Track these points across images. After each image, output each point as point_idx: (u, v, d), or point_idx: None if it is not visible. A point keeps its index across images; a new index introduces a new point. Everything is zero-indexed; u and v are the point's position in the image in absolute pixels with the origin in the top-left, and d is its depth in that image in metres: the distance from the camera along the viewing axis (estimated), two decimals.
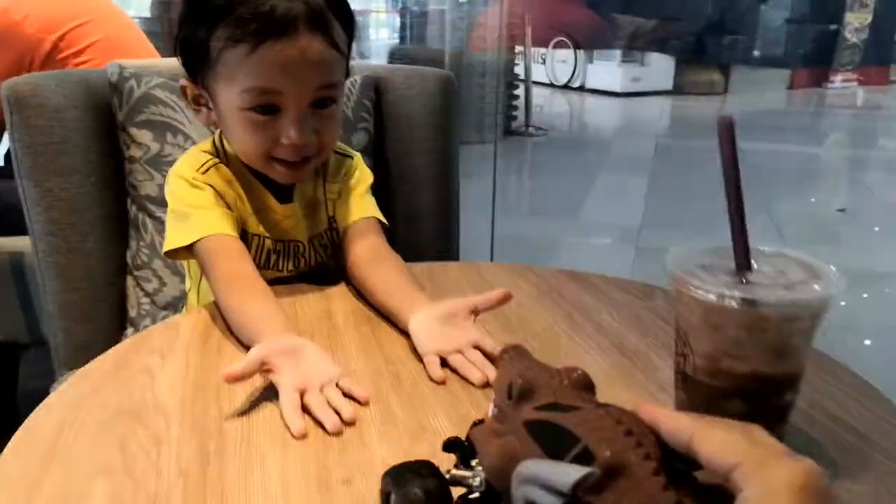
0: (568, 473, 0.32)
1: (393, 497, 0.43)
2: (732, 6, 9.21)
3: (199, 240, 0.82)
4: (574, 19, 9.08)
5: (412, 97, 1.33)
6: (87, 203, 1.13)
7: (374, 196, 0.99)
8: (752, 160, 5.42)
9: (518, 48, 6.24)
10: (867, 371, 0.66)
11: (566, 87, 9.32)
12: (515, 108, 6.04)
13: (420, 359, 0.69)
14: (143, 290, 1.19)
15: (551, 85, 9.42)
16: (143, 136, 1.17)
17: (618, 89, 8.76)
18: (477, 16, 5.69)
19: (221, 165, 0.88)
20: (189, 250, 0.84)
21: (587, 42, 9.09)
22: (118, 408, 0.61)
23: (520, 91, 6.09)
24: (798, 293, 0.49)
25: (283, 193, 0.92)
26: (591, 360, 0.70)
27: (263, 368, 0.63)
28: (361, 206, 0.95)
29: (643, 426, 0.35)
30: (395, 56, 5.68)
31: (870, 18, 9.84)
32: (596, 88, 9.04)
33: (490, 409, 0.42)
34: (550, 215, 3.85)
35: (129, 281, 1.20)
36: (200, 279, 0.94)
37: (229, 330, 0.75)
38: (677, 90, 9.07)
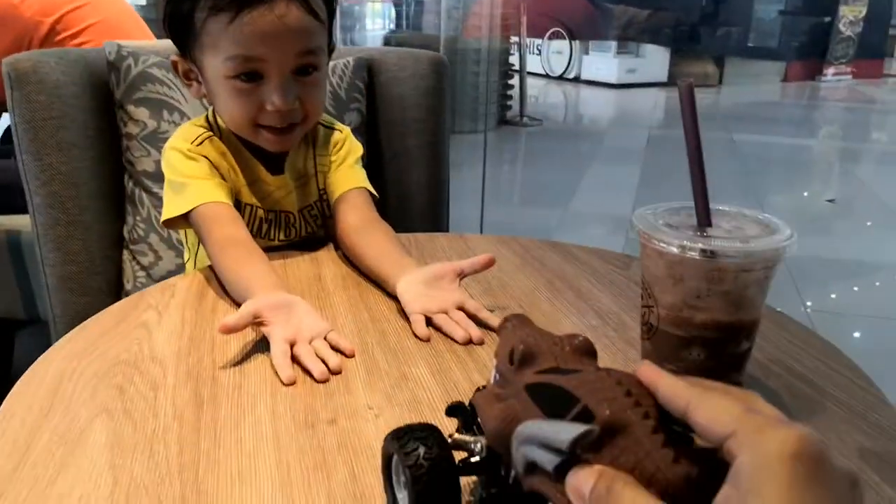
0: (567, 431, 0.32)
1: (395, 459, 0.43)
2: None
3: (195, 208, 0.86)
4: (569, 8, 9.09)
5: (404, 78, 1.36)
6: (86, 177, 1.16)
7: (367, 173, 1.03)
8: (747, 151, 5.46)
9: (514, 38, 6.25)
10: (861, 359, 0.66)
11: (561, 77, 9.34)
12: (510, 97, 6.06)
13: (406, 318, 0.73)
14: (139, 263, 1.23)
15: (546, 76, 9.45)
16: (140, 113, 1.20)
17: (613, 80, 8.79)
18: (472, 5, 5.70)
19: (215, 138, 0.92)
20: (186, 219, 0.87)
21: (582, 32, 9.10)
22: (116, 358, 0.65)
23: (515, 81, 6.11)
24: (752, 246, 0.52)
25: (275, 165, 0.95)
26: (567, 321, 0.73)
27: (256, 321, 0.66)
28: (351, 177, 0.98)
29: (643, 388, 0.34)
30: (389, 42, 5.69)
31: (864, 11, 9.87)
32: (591, 80, 9.06)
33: (492, 376, 0.43)
34: (543, 205, 3.89)
35: (126, 255, 1.23)
36: (198, 249, 0.97)
37: (224, 291, 0.78)
38: (672, 82, 9.10)
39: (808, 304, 2.63)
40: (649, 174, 4.37)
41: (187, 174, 0.88)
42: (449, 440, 0.42)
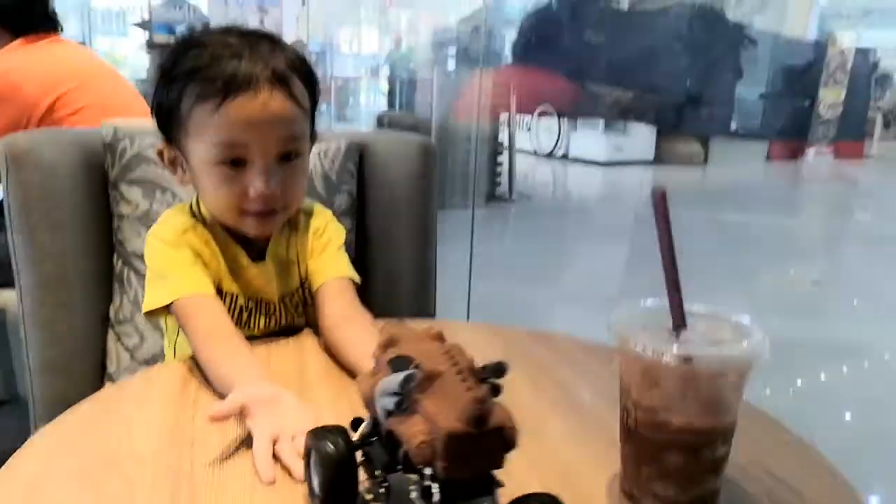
0: (400, 376, 0.46)
1: (312, 451, 0.55)
2: (709, 80, 9.54)
3: (177, 299, 0.86)
4: (556, 90, 9.36)
5: (394, 162, 1.40)
6: (76, 257, 1.17)
7: (354, 254, 1.04)
8: (733, 230, 5.55)
9: (503, 116, 6.41)
10: (847, 444, 0.68)
11: (550, 155, 9.54)
12: (499, 174, 6.17)
13: None
14: (123, 345, 1.22)
15: (535, 153, 9.65)
16: (134, 193, 1.22)
17: (600, 158, 8.97)
18: (463, 84, 5.87)
19: (199, 226, 0.93)
20: (167, 309, 0.88)
21: (569, 111, 9.36)
22: (94, 455, 0.64)
23: (504, 158, 6.23)
24: (726, 351, 0.54)
25: (257, 252, 0.96)
26: (549, 417, 0.73)
27: (242, 413, 0.66)
28: (333, 265, 0.99)
29: (463, 354, 0.48)
30: (382, 121, 5.82)
31: (843, 95, 10.22)
32: (579, 157, 9.25)
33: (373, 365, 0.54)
34: (531, 282, 3.91)
35: (111, 336, 1.23)
36: (177, 337, 0.97)
37: (206, 382, 0.78)
38: (658, 160, 9.31)
39: (797, 384, 2.62)
40: (637, 252, 4.41)
41: (170, 264, 0.89)
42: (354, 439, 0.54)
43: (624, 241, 4.74)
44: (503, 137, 6.30)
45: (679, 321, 0.58)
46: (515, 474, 0.62)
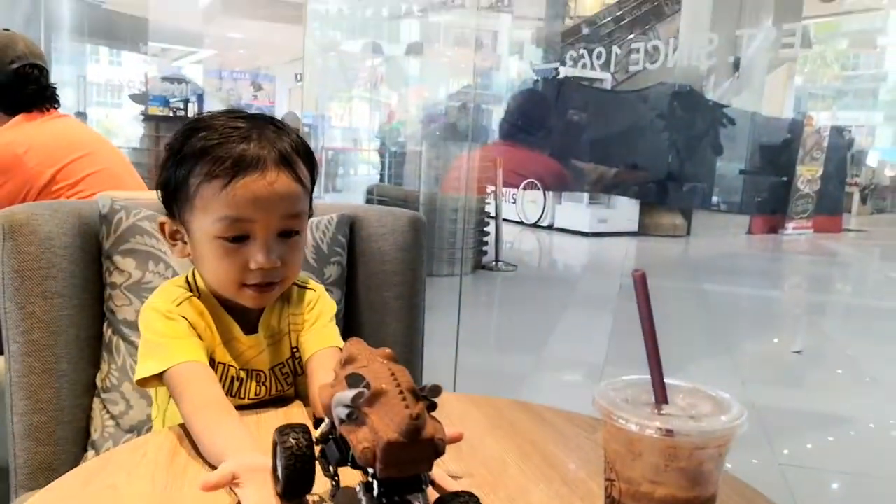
0: (352, 392, 0.55)
1: (278, 446, 0.65)
2: (690, 157, 9.80)
3: (169, 368, 0.88)
4: (540, 167, 9.58)
5: (384, 235, 1.43)
6: (66, 325, 1.18)
7: (343, 324, 1.06)
8: (715, 301, 5.61)
9: (490, 188, 6.54)
10: None
11: (536, 225, 9.67)
12: (486, 243, 6.24)
13: None
14: (108, 412, 1.22)
15: (521, 223, 9.78)
16: (127, 263, 1.24)
17: (585, 229, 9.11)
18: (451, 158, 6.00)
19: (194, 298, 0.96)
20: (159, 378, 0.89)
21: (553, 186, 9.56)
22: None
23: (491, 228, 6.32)
24: (705, 424, 0.56)
25: (249, 324, 0.99)
26: (535, 488, 0.74)
27: (233, 482, 0.67)
28: (324, 336, 1.01)
29: (406, 377, 0.57)
30: (371, 194, 5.92)
31: (820, 171, 10.49)
32: (564, 227, 9.39)
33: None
34: (516, 350, 3.92)
35: (96, 403, 1.23)
36: (167, 406, 0.98)
37: (196, 451, 0.79)
38: (642, 231, 9.46)
39: (784, 454, 2.62)
40: (621, 321, 4.44)
41: (164, 334, 0.91)
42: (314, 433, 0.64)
43: (608, 311, 4.78)
44: (490, 209, 6.40)
45: (660, 396, 0.60)
46: None
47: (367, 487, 0.56)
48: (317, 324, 1.02)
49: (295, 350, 1.02)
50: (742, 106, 10.40)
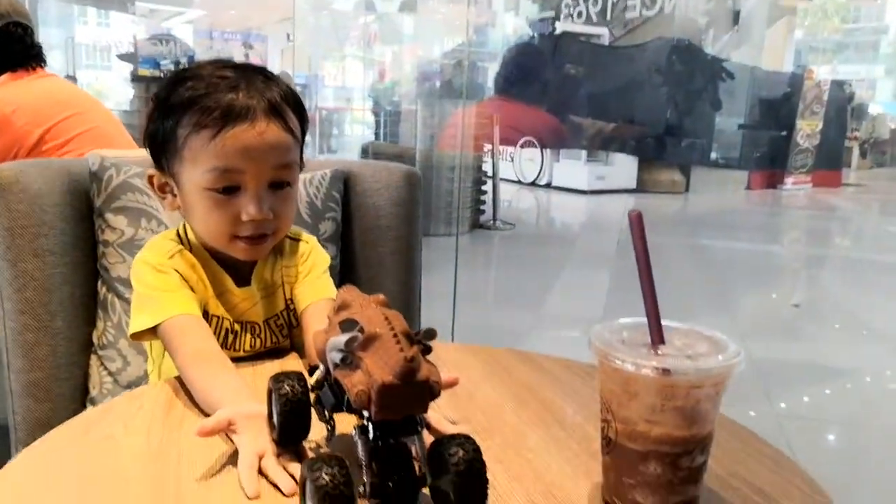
0: (346, 336, 0.55)
1: (273, 394, 0.65)
2: (688, 112, 9.71)
3: (163, 321, 0.87)
4: (537, 122, 9.49)
5: (378, 190, 1.42)
6: (60, 283, 1.17)
7: (339, 281, 1.05)
8: (714, 256, 5.61)
9: (487, 147, 6.49)
10: (831, 466, 0.68)
11: (533, 184, 9.63)
12: (483, 202, 6.22)
13: None
14: (106, 369, 1.22)
15: (519, 182, 9.73)
16: (119, 221, 1.23)
17: (583, 187, 9.07)
18: (447, 116, 5.94)
19: (185, 252, 0.95)
20: (153, 332, 0.88)
21: (551, 143, 9.48)
22: (79, 473, 0.64)
23: (488, 187, 6.29)
24: (702, 363, 0.55)
25: (242, 277, 0.98)
26: (531, 432, 0.74)
27: (229, 428, 0.67)
28: (318, 288, 1.01)
29: (399, 319, 0.56)
30: (367, 151, 5.87)
31: (819, 125, 10.42)
32: (562, 186, 9.35)
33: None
34: (515, 307, 3.93)
35: (93, 360, 1.23)
36: (162, 360, 0.98)
37: (192, 403, 0.79)
38: (640, 188, 9.42)
39: (781, 407, 2.64)
40: (619, 278, 4.45)
41: (156, 287, 0.90)
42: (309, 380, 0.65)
43: (606, 267, 4.78)
44: (487, 167, 6.36)
45: (657, 337, 0.59)
46: (499, 487, 0.63)
47: (363, 430, 0.56)
48: (310, 275, 1.02)
49: (289, 302, 1.01)
50: (741, 60, 10.28)
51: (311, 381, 0.65)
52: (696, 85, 9.53)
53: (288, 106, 0.90)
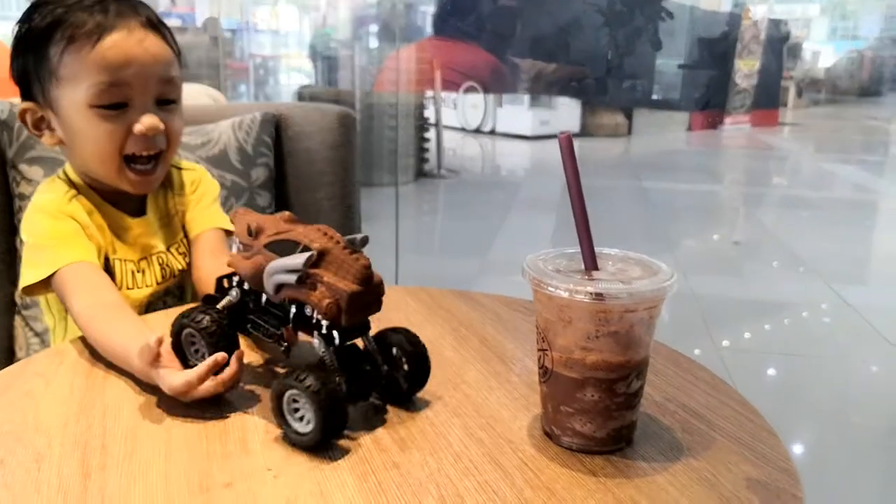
0: (300, 258, 0.58)
1: (191, 331, 0.66)
2: (629, 52, 9.73)
3: (56, 271, 0.82)
4: (479, 64, 9.37)
5: (311, 133, 1.37)
6: None
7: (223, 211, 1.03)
8: (656, 197, 5.70)
9: (429, 93, 6.39)
10: (771, 398, 0.69)
11: (477, 131, 9.57)
12: (427, 150, 6.15)
13: None
14: (31, 329, 1.17)
15: (463, 129, 9.65)
16: (34, 172, 1.16)
17: (527, 133, 9.05)
18: (385, 60, 5.80)
19: (81, 196, 0.90)
20: (46, 284, 0.83)
21: (493, 86, 9.39)
22: None
23: (431, 134, 6.22)
24: (635, 286, 0.55)
25: (136, 210, 0.94)
26: (470, 368, 0.74)
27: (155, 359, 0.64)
28: (209, 217, 0.99)
29: (333, 232, 0.60)
30: (302, 96, 5.70)
31: (757, 65, 10.57)
32: (506, 132, 9.31)
33: (234, 248, 0.66)
34: (462, 255, 3.93)
35: (17, 321, 1.17)
36: (66, 316, 0.91)
37: None
38: (584, 133, 9.46)
39: (724, 344, 2.73)
40: (564, 222, 4.48)
41: (50, 236, 0.85)
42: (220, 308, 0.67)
43: (551, 211, 4.81)
44: (430, 114, 6.27)
45: (590, 264, 0.59)
46: (439, 423, 0.63)
47: (328, 340, 0.60)
48: (201, 203, 1.00)
49: (185, 228, 1.00)
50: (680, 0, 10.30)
51: (219, 306, 0.67)
52: (637, 25, 9.53)
53: (163, 26, 0.88)
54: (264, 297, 0.65)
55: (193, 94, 1.84)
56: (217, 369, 0.64)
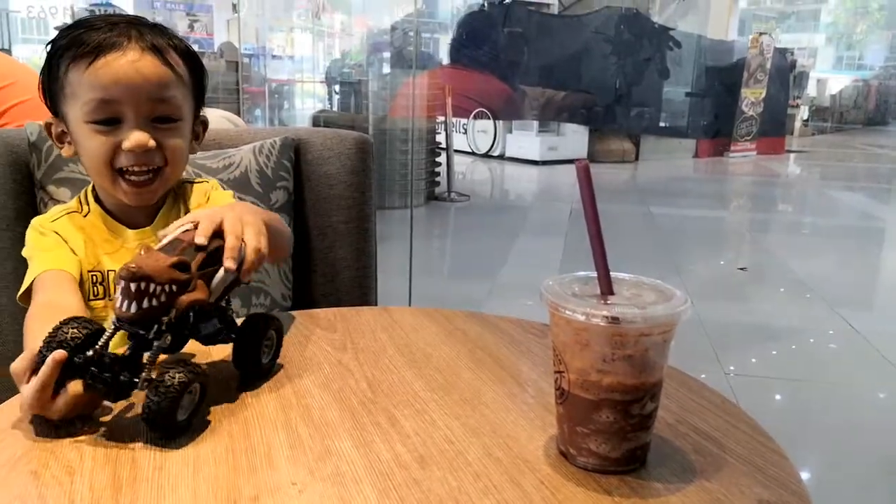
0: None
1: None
2: (637, 80, 9.81)
3: (35, 278, 0.90)
4: (490, 91, 9.47)
5: (330, 158, 1.40)
6: (3, 259, 1.14)
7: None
8: (664, 223, 5.72)
9: (440, 118, 6.46)
10: (778, 423, 0.70)
11: (487, 155, 9.64)
12: (438, 174, 6.20)
13: (329, 393, 0.74)
14: None
15: (472, 153, 9.73)
16: (62, 193, 1.19)
17: (536, 158, 9.12)
18: (399, 87, 5.88)
19: (75, 215, 0.96)
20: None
21: (503, 113, 9.49)
22: (31, 443, 0.63)
23: (442, 159, 6.27)
24: (650, 311, 0.57)
25: (143, 224, 0.99)
26: (487, 388, 0.76)
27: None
28: None
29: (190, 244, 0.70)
30: (318, 121, 5.78)
31: (763, 93, 10.63)
32: (515, 157, 9.39)
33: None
34: (471, 277, 3.95)
35: None
36: None
37: None
38: (592, 158, 9.51)
39: (730, 369, 2.73)
40: (572, 246, 4.51)
41: (34, 248, 0.93)
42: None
43: (560, 235, 4.84)
44: (441, 139, 6.34)
45: (606, 287, 0.61)
46: (458, 441, 0.65)
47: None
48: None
49: None
50: (688, 29, 10.39)
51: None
52: (644, 54, 9.62)
53: (175, 51, 0.92)
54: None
55: (213, 119, 1.87)
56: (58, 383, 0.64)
